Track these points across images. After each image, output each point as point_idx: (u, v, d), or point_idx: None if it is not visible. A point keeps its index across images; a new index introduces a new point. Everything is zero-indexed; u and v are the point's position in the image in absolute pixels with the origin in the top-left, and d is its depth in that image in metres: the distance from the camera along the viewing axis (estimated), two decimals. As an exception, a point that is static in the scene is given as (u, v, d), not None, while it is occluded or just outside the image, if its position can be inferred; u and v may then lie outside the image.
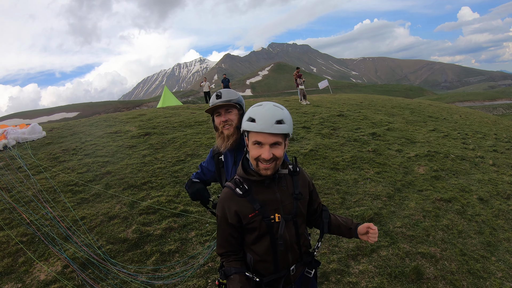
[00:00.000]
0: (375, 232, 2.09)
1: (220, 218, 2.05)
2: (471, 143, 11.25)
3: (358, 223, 2.23)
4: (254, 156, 1.93)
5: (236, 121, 2.59)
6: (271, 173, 1.96)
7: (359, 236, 2.18)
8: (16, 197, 6.34)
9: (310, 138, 10.11)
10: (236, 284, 1.95)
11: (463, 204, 6.29)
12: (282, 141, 1.93)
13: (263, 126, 1.86)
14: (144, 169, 7.52)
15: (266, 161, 1.90)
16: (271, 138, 1.88)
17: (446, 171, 8.05)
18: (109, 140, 10.04)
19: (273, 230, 1.99)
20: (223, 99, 2.56)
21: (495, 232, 5.51)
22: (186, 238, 5.01)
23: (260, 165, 1.93)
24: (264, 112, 1.89)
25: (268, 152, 1.88)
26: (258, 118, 1.88)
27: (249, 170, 2.04)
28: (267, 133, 1.87)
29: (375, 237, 2.09)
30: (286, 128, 1.90)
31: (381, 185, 6.84)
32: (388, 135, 10.92)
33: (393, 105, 18.18)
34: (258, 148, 1.91)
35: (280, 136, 1.91)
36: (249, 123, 1.91)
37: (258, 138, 1.89)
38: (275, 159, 1.92)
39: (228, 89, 2.67)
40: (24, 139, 10.42)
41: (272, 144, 1.89)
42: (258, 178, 2.00)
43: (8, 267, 4.54)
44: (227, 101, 2.56)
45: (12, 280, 4.31)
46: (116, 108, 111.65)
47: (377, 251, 4.68)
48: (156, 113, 14.40)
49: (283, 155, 1.96)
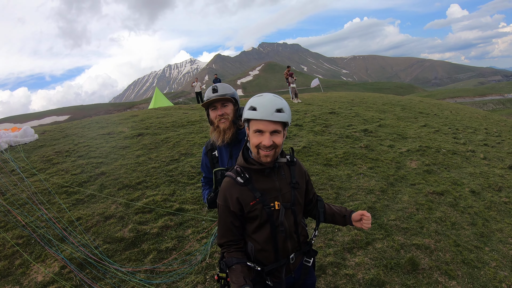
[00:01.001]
0: (368, 218, 2.17)
1: (222, 207, 2.10)
2: (462, 137, 11.39)
3: (352, 211, 2.30)
4: (255, 144, 1.99)
5: (232, 115, 2.62)
6: (271, 160, 2.02)
7: (353, 223, 2.25)
8: (10, 200, 6.30)
9: (303, 135, 10.17)
10: (239, 274, 1.98)
11: (455, 197, 6.39)
12: (281, 130, 1.99)
13: (263, 114, 1.93)
14: (138, 169, 7.52)
15: (266, 148, 1.96)
16: (272, 126, 1.95)
17: (438, 165, 8.15)
18: (102, 141, 10.01)
19: (273, 217, 2.05)
20: (219, 93, 2.59)
21: (488, 223, 5.59)
22: (182, 235, 5.03)
23: (261, 152, 1.99)
24: (265, 101, 1.96)
25: (269, 139, 1.94)
26: (259, 107, 1.95)
27: (250, 159, 2.10)
28: (267, 120, 1.93)
29: (369, 224, 2.17)
30: (285, 116, 1.96)
31: (374, 180, 6.91)
32: (380, 131, 11.02)
33: (384, 102, 18.32)
34: (259, 135, 1.97)
35: (280, 125, 1.98)
36: (250, 112, 1.97)
37: (259, 126, 1.96)
38: (275, 147, 1.98)
39: (223, 83, 2.69)
40: (17, 142, 10.34)
41: (272, 132, 1.96)
42: (259, 167, 2.06)
43: (5, 270, 4.53)
44: (222, 95, 2.58)
45: (9, 283, 4.29)
46: (107, 110, 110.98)
47: (372, 243, 4.74)
48: (149, 114, 14.37)
49: (282, 143, 2.03)
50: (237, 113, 2.66)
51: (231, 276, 2.01)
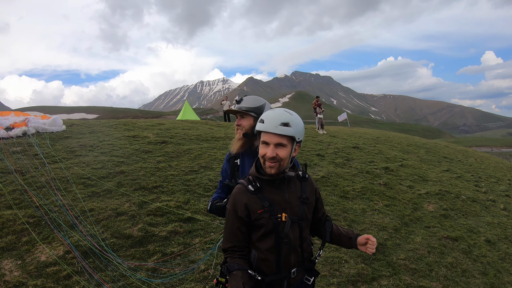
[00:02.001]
0: (373, 243, 2.17)
1: (230, 211, 2.14)
2: (484, 186, 11.08)
3: (358, 234, 2.29)
4: (261, 155, 2.07)
5: (247, 127, 2.68)
6: (275, 172, 2.07)
7: (358, 247, 2.24)
8: (29, 181, 6.51)
9: (323, 165, 10.13)
10: (239, 279, 2.00)
11: (469, 244, 6.20)
12: (287, 143, 2.04)
13: (268, 126, 2.01)
14: (157, 173, 7.64)
15: (270, 159, 2.02)
16: (276, 138, 2.01)
17: (456, 211, 7.95)
18: (126, 142, 10.23)
19: (279, 228, 2.07)
20: (239, 105, 2.70)
21: (500, 275, 5.40)
22: (189, 243, 5.06)
23: (266, 163, 2.06)
24: (273, 115, 2.05)
25: (272, 151, 2.00)
26: (266, 119, 2.04)
27: (261, 170, 2.15)
28: (271, 133, 2.00)
29: (373, 249, 2.17)
30: (291, 130, 2.01)
31: (389, 218, 6.80)
32: (401, 170, 10.85)
33: (409, 143, 18.08)
34: (265, 147, 2.05)
35: (285, 138, 2.03)
36: (259, 124, 2.07)
37: (264, 138, 2.04)
38: (279, 160, 2.03)
39: (251, 96, 2.76)
40: (44, 129, 10.67)
41: (276, 144, 2.02)
42: (269, 177, 2.11)
43: (11, 244, 4.69)
44: (239, 108, 2.68)
45: (13, 257, 4.45)
46: (135, 116, 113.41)
47: (378, 279, 4.64)
48: (175, 124, 14.64)
49: (287, 157, 2.07)
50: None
51: (231, 281, 2.02)
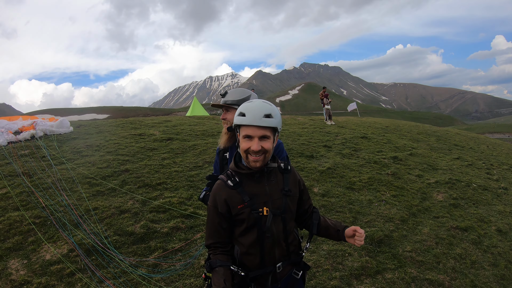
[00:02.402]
0: (360, 235, 2.11)
1: (211, 208, 2.11)
2: (496, 174, 10.85)
3: (346, 226, 2.25)
4: (244, 149, 2.00)
5: (232, 121, 2.65)
6: (260, 165, 2.02)
7: (346, 239, 2.20)
8: (35, 183, 6.61)
9: (330, 157, 10.03)
10: (220, 276, 1.99)
11: (480, 234, 6.06)
12: (270, 135, 2.00)
13: (252, 119, 1.95)
14: (161, 170, 7.67)
15: (255, 153, 1.97)
16: (260, 131, 1.96)
17: (466, 200, 7.79)
18: (132, 141, 10.29)
19: (260, 222, 2.03)
20: (223, 99, 2.66)
21: (511, 266, 5.24)
22: (191, 239, 5.06)
23: (250, 157, 2.00)
24: (253, 107, 1.99)
25: (257, 144, 1.96)
26: (247, 112, 1.97)
27: (240, 164, 2.13)
28: (256, 126, 1.95)
29: (361, 240, 2.11)
30: (274, 122, 1.98)
31: (396, 208, 6.69)
32: (410, 160, 10.70)
33: (419, 131, 17.84)
34: (247, 141, 1.99)
35: (269, 130, 1.99)
36: (239, 117, 2.00)
37: (247, 132, 1.98)
38: (264, 152, 1.99)
39: (237, 89, 2.72)
40: (52, 131, 10.81)
41: (261, 137, 1.97)
42: (248, 171, 2.08)
43: (18, 244, 4.78)
44: (224, 102, 2.65)
45: (19, 256, 4.54)
46: (146, 114, 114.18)
47: (382, 273, 4.55)
48: (182, 121, 14.67)
49: (271, 148, 2.03)
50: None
51: (213, 278, 2.02)
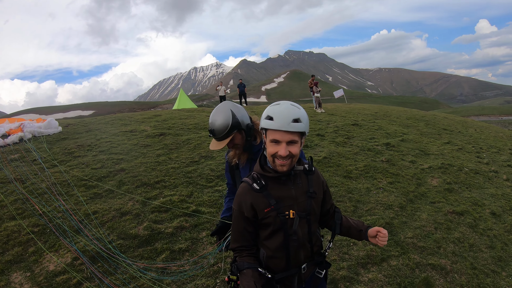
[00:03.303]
0: (384, 235, 2.11)
1: (236, 212, 2.09)
2: (486, 157, 11.05)
3: (368, 226, 2.24)
4: (271, 153, 1.96)
5: (241, 142, 2.58)
6: (287, 169, 1.99)
7: (369, 239, 2.19)
8: (29, 189, 6.44)
9: (324, 145, 10.08)
10: (249, 278, 1.97)
11: (475, 218, 6.19)
12: (298, 139, 1.96)
13: (280, 124, 1.89)
14: (158, 168, 7.59)
15: (282, 158, 1.94)
16: (288, 136, 1.91)
17: (460, 184, 7.93)
18: (124, 138, 10.16)
19: (287, 226, 2.02)
20: (217, 137, 2.54)
21: (507, 247, 5.39)
22: (197, 237, 5.03)
23: (277, 161, 1.97)
24: (282, 111, 1.92)
25: (285, 150, 1.91)
26: (275, 116, 1.91)
27: (266, 167, 2.08)
28: (284, 131, 1.90)
29: (385, 241, 2.11)
30: (302, 126, 1.93)
31: (394, 195, 6.78)
32: (402, 146, 10.82)
33: (408, 116, 18.01)
34: (275, 145, 1.94)
35: (297, 135, 1.94)
36: (267, 121, 1.94)
37: (275, 136, 1.93)
38: (291, 156, 1.96)
39: (216, 114, 2.53)
40: (40, 133, 10.60)
41: (288, 142, 1.93)
42: (274, 174, 2.04)
43: (18, 256, 4.62)
44: (220, 139, 2.54)
45: (22, 269, 4.38)
46: (131, 108, 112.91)
47: (387, 260, 4.63)
48: (172, 115, 14.53)
49: (299, 152, 2.00)
50: (248, 133, 2.56)
51: (242, 281, 2.00)
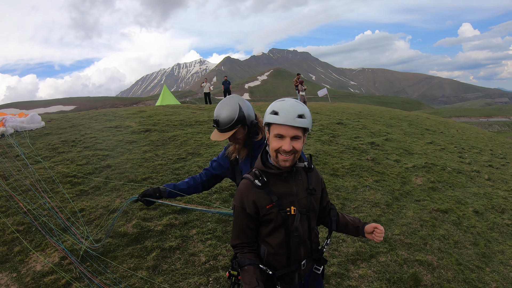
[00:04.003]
0: (381, 232, 2.17)
1: (238, 208, 2.09)
2: (468, 157, 11.35)
3: (365, 223, 2.30)
4: (275, 148, 1.97)
5: (242, 137, 2.59)
6: (290, 165, 2.01)
7: (366, 235, 2.25)
8: (13, 185, 6.24)
9: (310, 144, 10.15)
10: (251, 275, 1.99)
11: (459, 216, 6.36)
12: (301, 135, 1.98)
13: (285, 119, 1.91)
14: (144, 164, 7.50)
15: (286, 152, 1.95)
16: (292, 131, 1.93)
17: (443, 183, 8.12)
18: (109, 134, 10.01)
19: (288, 222, 2.04)
20: (220, 128, 2.53)
21: (490, 244, 5.59)
22: (187, 235, 4.98)
23: (280, 156, 1.98)
24: (287, 106, 1.95)
25: (289, 144, 1.93)
26: (281, 111, 1.93)
27: (268, 163, 2.10)
28: (289, 125, 1.92)
29: (381, 237, 2.17)
30: (306, 122, 1.95)
31: (380, 193, 6.88)
32: (387, 145, 10.99)
33: (391, 116, 18.29)
34: (279, 140, 1.96)
35: (300, 130, 1.96)
36: (272, 116, 1.95)
37: (280, 131, 1.94)
38: (294, 152, 1.97)
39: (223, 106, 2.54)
40: (23, 128, 10.32)
41: (292, 137, 1.94)
42: (276, 171, 2.06)
43: (3, 256, 4.45)
44: (223, 130, 2.53)
45: (7, 269, 4.23)
46: (114, 104, 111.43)
47: (376, 256, 4.72)
48: (157, 111, 14.38)
49: (301, 148, 2.02)
50: (251, 129, 2.58)
51: (243, 277, 2.01)
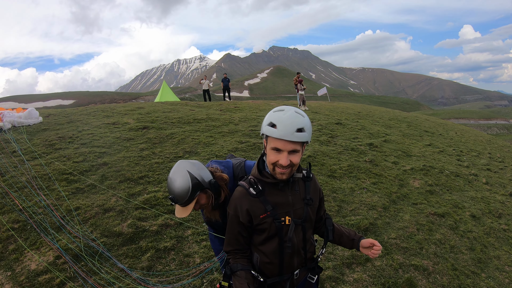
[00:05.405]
0: (379, 249, 2.12)
1: (232, 216, 2.06)
2: (466, 160, 11.34)
3: (361, 236, 2.25)
4: (272, 161, 1.92)
5: (209, 202, 2.33)
6: (287, 178, 1.96)
7: (361, 249, 2.20)
8: (9, 182, 6.23)
9: (308, 144, 10.10)
10: (243, 280, 1.97)
11: (456, 220, 6.34)
12: (300, 149, 1.91)
13: (283, 133, 1.83)
14: (141, 163, 7.46)
15: (283, 167, 1.89)
16: (290, 146, 1.85)
17: (441, 186, 8.10)
18: (107, 131, 9.97)
19: (282, 232, 2.00)
20: (181, 203, 2.23)
21: (486, 250, 5.57)
22: (182, 236, 4.97)
23: (277, 169, 1.92)
24: (286, 119, 1.85)
25: (286, 159, 1.86)
26: (279, 124, 1.84)
27: (264, 172, 2.05)
28: (286, 140, 1.84)
29: (377, 255, 2.13)
30: (306, 136, 1.87)
31: (377, 196, 6.86)
32: (385, 146, 10.96)
33: (390, 117, 18.27)
34: (276, 154, 1.89)
35: (299, 144, 1.89)
36: (269, 128, 1.87)
37: (277, 145, 1.86)
38: (291, 166, 1.91)
39: (174, 182, 2.23)
40: (20, 123, 10.29)
41: (290, 152, 1.87)
42: (272, 180, 2.00)
43: None
44: (183, 204, 2.24)
45: (1, 268, 4.23)
46: (113, 99, 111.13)
47: (372, 260, 4.69)
48: (155, 107, 14.33)
49: (299, 161, 1.96)
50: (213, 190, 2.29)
51: (235, 282, 1.99)
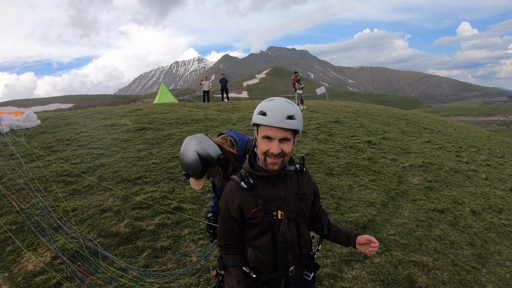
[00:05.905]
0: (376, 245, 2.08)
1: (223, 211, 2.03)
2: (465, 156, 11.31)
3: (358, 233, 2.21)
4: (263, 151, 1.89)
5: (218, 174, 2.44)
6: (278, 168, 1.93)
7: (357, 246, 2.16)
8: (7, 184, 6.22)
9: (306, 142, 10.09)
10: (233, 277, 1.96)
11: (455, 216, 6.32)
12: (291, 137, 1.89)
13: (273, 120, 1.81)
14: (138, 163, 7.44)
15: (274, 155, 1.87)
16: (281, 133, 1.84)
17: (440, 182, 8.08)
18: (104, 132, 9.95)
19: (274, 227, 1.97)
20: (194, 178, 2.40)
21: (486, 245, 5.54)
22: (179, 235, 4.95)
23: (268, 159, 1.89)
24: (276, 107, 1.84)
25: (277, 147, 1.84)
26: (269, 112, 1.83)
27: (255, 166, 2.02)
28: (277, 127, 1.82)
29: (374, 252, 2.09)
30: (296, 124, 1.85)
31: (376, 193, 6.84)
32: (384, 144, 10.93)
33: (389, 115, 18.23)
34: (267, 142, 1.87)
35: (290, 132, 1.87)
36: (260, 117, 1.86)
37: (268, 133, 1.85)
38: (283, 155, 1.88)
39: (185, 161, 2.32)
40: (18, 126, 10.28)
41: (281, 139, 1.85)
42: (264, 173, 1.97)
43: None
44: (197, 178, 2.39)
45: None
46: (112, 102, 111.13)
47: (370, 257, 4.66)
48: (153, 109, 14.30)
49: (291, 151, 1.93)
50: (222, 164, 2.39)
51: (226, 279, 1.98)
